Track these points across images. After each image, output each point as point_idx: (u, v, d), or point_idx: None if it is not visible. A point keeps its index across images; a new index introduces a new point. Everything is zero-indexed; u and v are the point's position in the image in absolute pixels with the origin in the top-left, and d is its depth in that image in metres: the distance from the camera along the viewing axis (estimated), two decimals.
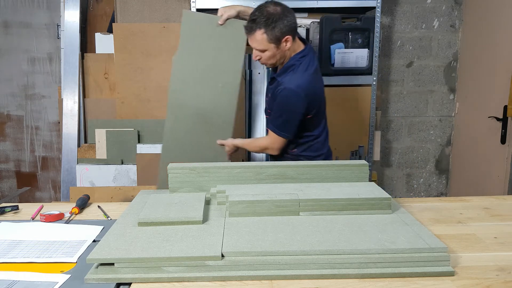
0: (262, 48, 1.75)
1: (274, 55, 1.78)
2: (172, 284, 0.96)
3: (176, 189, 1.42)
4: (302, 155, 1.91)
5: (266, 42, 1.73)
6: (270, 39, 1.72)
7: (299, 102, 1.75)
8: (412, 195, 3.40)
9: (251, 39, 1.77)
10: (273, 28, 1.70)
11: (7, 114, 3.38)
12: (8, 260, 1.07)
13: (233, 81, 2.08)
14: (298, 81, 1.75)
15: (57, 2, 3.16)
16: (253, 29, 1.73)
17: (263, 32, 1.71)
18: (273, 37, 1.72)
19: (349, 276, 0.97)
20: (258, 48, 1.76)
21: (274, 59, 1.80)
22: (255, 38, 1.74)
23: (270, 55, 1.78)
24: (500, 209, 1.43)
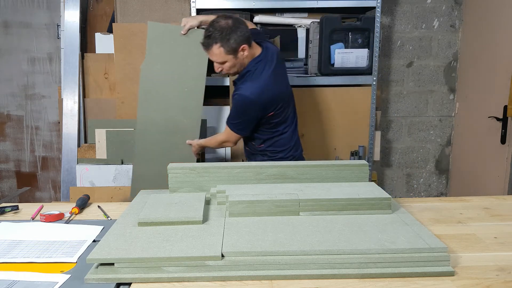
0: (221, 60, 1.86)
1: (234, 64, 1.88)
2: (172, 284, 0.96)
3: (176, 189, 1.42)
4: (268, 150, 2.04)
5: (224, 54, 1.84)
6: (228, 51, 1.83)
7: (252, 107, 1.87)
8: (412, 195, 3.40)
9: (209, 53, 1.88)
10: (228, 40, 1.81)
11: (7, 114, 3.38)
12: (8, 260, 1.07)
13: (198, 85, 2.28)
14: (252, 87, 1.86)
15: (57, 2, 3.16)
16: (210, 44, 1.84)
17: (219, 46, 1.82)
18: (230, 48, 1.82)
19: (349, 276, 0.97)
20: (218, 61, 1.87)
21: (235, 68, 1.90)
22: (213, 52, 1.85)
23: (230, 65, 1.89)
24: (500, 209, 1.43)
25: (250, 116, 1.91)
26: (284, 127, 2.01)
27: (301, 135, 2.71)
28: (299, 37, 2.76)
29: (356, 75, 2.66)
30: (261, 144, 2.04)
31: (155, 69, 2.29)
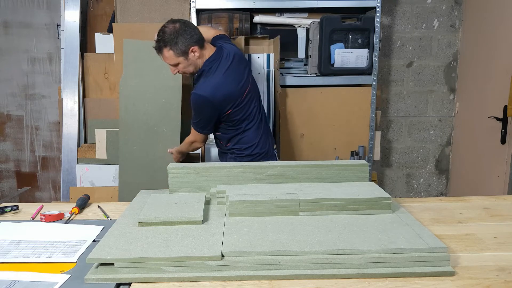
0: (174, 62, 1.93)
1: (187, 65, 1.95)
2: (172, 284, 0.96)
3: (176, 189, 1.42)
4: (235, 148, 2.09)
5: (175, 57, 1.91)
6: (178, 53, 1.90)
7: (206, 105, 1.92)
8: (412, 195, 3.40)
9: (162, 57, 1.95)
10: (176, 43, 1.89)
11: (7, 114, 3.38)
12: (8, 260, 1.07)
13: (175, 95, 2.47)
14: (205, 85, 1.94)
15: (57, 2, 3.16)
16: (161, 48, 1.91)
17: (168, 49, 1.90)
18: (180, 51, 1.89)
19: (349, 276, 0.97)
20: (171, 63, 1.95)
21: (190, 68, 1.97)
22: (165, 55, 1.93)
23: (183, 66, 1.95)
24: (500, 209, 1.43)
25: (207, 114, 1.96)
26: (247, 124, 2.05)
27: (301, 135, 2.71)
28: (299, 37, 2.76)
29: (356, 75, 2.66)
30: (228, 143, 2.10)
31: (133, 83, 2.49)
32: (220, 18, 2.65)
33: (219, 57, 1.99)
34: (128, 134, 2.53)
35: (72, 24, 2.77)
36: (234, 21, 2.66)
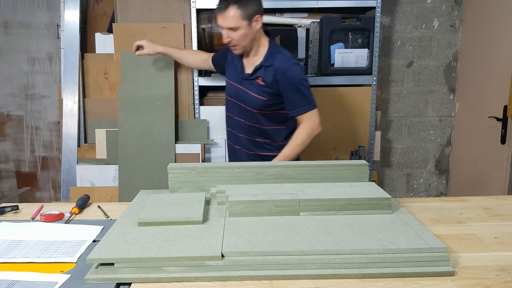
0: (235, 25, 1.74)
1: (246, 34, 1.77)
2: (172, 284, 0.96)
3: (176, 189, 1.42)
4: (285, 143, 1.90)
5: (240, 19, 1.73)
6: (244, 16, 1.72)
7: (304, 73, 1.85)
8: (412, 195, 3.40)
9: (223, 17, 1.74)
10: (245, 5, 1.73)
11: (7, 114, 3.38)
12: (8, 260, 1.07)
13: (169, 99, 2.62)
14: (289, 57, 1.85)
15: (57, 2, 3.16)
16: (226, 6, 1.72)
17: (236, 8, 1.72)
18: (246, 13, 1.72)
19: (349, 276, 0.97)
20: (231, 25, 1.74)
21: (246, 39, 1.79)
22: (228, 15, 1.72)
23: (242, 34, 1.76)
24: (500, 209, 1.43)
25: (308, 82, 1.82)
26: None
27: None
28: (299, 37, 2.76)
29: (356, 75, 2.66)
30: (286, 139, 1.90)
31: (131, 89, 2.64)
32: None
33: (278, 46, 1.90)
34: (127, 135, 2.62)
35: (72, 24, 2.77)
36: None
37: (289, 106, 1.84)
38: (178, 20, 2.73)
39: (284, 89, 1.81)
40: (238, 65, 1.95)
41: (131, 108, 2.63)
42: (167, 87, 2.64)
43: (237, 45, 1.82)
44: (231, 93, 2.00)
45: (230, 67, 2.02)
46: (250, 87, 1.90)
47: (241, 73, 1.94)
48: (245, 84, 1.92)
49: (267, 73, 1.84)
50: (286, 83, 1.80)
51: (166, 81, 2.64)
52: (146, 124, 2.63)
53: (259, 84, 1.87)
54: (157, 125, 2.63)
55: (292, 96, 1.81)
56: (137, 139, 2.63)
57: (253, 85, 1.89)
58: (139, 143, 2.63)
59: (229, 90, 2.02)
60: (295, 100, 1.81)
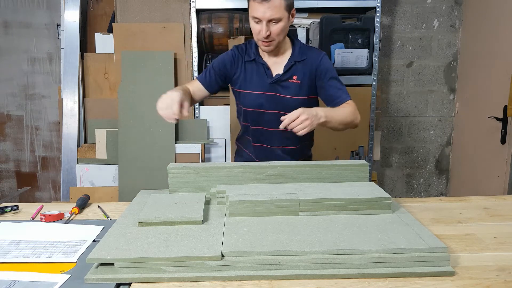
0: (279, 16, 1.55)
1: (284, 28, 1.61)
2: (172, 284, 0.96)
3: (176, 189, 1.42)
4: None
5: (283, 10, 1.56)
6: (287, 6, 1.57)
7: None
8: (412, 195, 3.40)
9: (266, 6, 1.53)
10: None
11: (7, 114, 3.38)
12: (8, 260, 1.07)
13: None
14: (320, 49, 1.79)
15: (57, 2, 3.16)
16: None
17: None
18: (289, 3, 1.58)
19: (349, 276, 0.97)
20: (275, 16, 1.55)
21: (282, 34, 1.63)
22: (273, 3, 1.53)
23: (282, 28, 1.59)
24: (500, 209, 1.43)
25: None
26: None
27: None
28: (299, 37, 2.76)
29: (356, 75, 2.66)
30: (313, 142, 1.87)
31: (130, 89, 2.63)
32: (220, 18, 2.65)
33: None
34: (127, 135, 2.63)
35: (72, 24, 2.77)
36: (234, 21, 2.66)
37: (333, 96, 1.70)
38: (178, 20, 2.73)
39: (324, 80, 1.71)
40: (260, 69, 1.73)
41: (131, 108, 2.63)
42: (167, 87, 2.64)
43: (273, 41, 1.62)
44: (257, 104, 1.75)
45: (247, 75, 1.74)
46: (285, 90, 1.72)
47: (269, 77, 1.72)
48: (277, 88, 1.72)
49: (301, 68, 1.71)
50: (326, 73, 1.70)
51: (166, 81, 2.64)
52: (146, 124, 2.63)
53: (294, 83, 1.72)
54: (157, 125, 2.63)
55: (335, 85, 1.71)
56: (137, 139, 2.63)
57: (288, 85, 1.72)
58: (139, 143, 2.63)
59: (253, 101, 1.75)
60: (339, 88, 1.71)
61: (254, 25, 1.61)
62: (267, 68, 1.72)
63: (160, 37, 2.68)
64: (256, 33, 1.61)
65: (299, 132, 1.43)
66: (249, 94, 1.75)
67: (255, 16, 1.57)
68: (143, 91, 2.63)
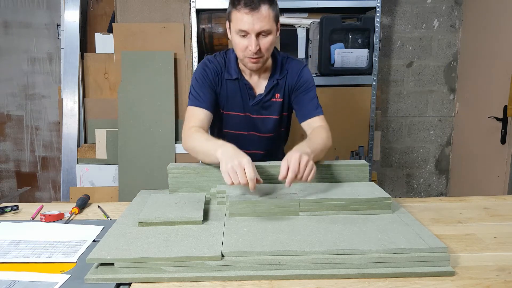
0: (269, 27, 1.40)
1: (274, 42, 1.46)
2: (172, 284, 0.95)
3: (176, 189, 1.42)
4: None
5: (272, 21, 1.41)
6: (275, 16, 1.42)
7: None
8: (412, 195, 3.40)
9: (255, 17, 1.37)
10: (275, 5, 1.44)
11: (7, 114, 3.38)
12: (8, 260, 1.07)
13: (169, 98, 2.63)
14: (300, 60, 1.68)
15: (57, 2, 3.16)
16: (259, 3, 1.37)
17: (268, 7, 1.39)
18: (276, 14, 1.43)
19: (349, 276, 0.97)
20: (265, 28, 1.39)
21: (271, 49, 1.47)
22: (261, 14, 1.37)
23: (271, 42, 1.44)
24: (500, 209, 1.43)
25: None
26: None
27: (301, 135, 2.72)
28: (299, 37, 2.76)
29: (356, 75, 2.66)
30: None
31: (130, 89, 2.63)
32: (220, 18, 2.65)
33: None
34: (127, 135, 2.63)
35: (72, 24, 2.77)
36: None
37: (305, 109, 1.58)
38: (178, 20, 2.73)
39: (301, 93, 1.58)
40: (243, 89, 1.57)
41: (131, 108, 2.63)
42: (167, 87, 2.64)
43: (262, 57, 1.45)
44: (237, 126, 1.63)
45: (229, 95, 1.58)
46: (267, 111, 1.61)
47: (252, 98, 1.58)
48: (259, 109, 1.60)
49: (282, 84, 1.58)
50: (302, 86, 1.58)
51: (166, 81, 2.63)
52: (146, 124, 2.63)
53: (276, 101, 1.59)
54: (157, 125, 2.62)
55: (311, 99, 1.58)
56: (137, 139, 2.62)
57: (270, 106, 1.60)
58: (139, 143, 2.62)
59: (233, 122, 1.62)
60: (313, 103, 1.58)
61: (239, 40, 1.42)
62: (250, 88, 1.57)
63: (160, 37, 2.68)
64: (242, 49, 1.43)
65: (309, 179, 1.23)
66: (231, 116, 1.61)
67: (241, 29, 1.39)
68: (143, 91, 2.63)
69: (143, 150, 2.63)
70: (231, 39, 1.47)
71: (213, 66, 1.55)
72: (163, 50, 2.64)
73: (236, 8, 1.39)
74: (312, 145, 1.37)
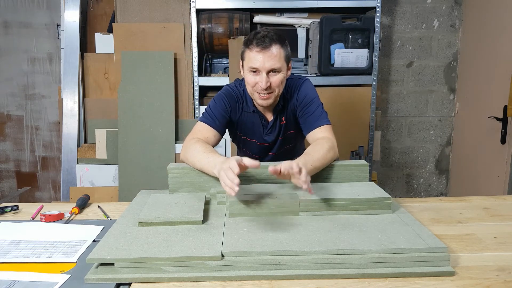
0: (279, 65, 1.46)
1: (283, 80, 1.51)
2: (172, 284, 0.96)
3: (176, 189, 1.42)
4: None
5: (283, 60, 1.48)
6: (286, 56, 1.49)
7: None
8: (412, 195, 3.40)
9: (266, 54, 1.44)
10: (286, 46, 1.50)
11: (7, 114, 3.38)
12: (8, 260, 1.07)
13: (168, 98, 2.63)
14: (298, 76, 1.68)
15: (57, 2, 3.16)
16: (270, 44, 1.44)
17: (279, 47, 1.46)
18: (287, 54, 1.49)
19: (349, 276, 0.97)
20: (276, 66, 1.45)
21: (281, 87, 1.52)
22: (272, 53, 1.44)
23: (281, 79, 1.50)
24: (500, 209, 1.43)
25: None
26: None
27: None
28: (299, 37, 2.76)
29: (356, 75, 2.66)
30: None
31: (130, 89, 2.63)
32: (220, 18, 2.66)
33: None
34: (127, 135, 2.62)
35: (72, 24, 2.77)
36: (234, 21, 2.66)
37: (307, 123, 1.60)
38: (178, 20, 2.73)
39: (303, 109, 1.61)
40: (257, 120, 1.65)
41: (131, 108, 2.63)
42: (167, 87, 2.64)
43: (273, 92, 1.51)
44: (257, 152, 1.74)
45: (248, 124, 1.67)
46: (277, 135, 1.69)
47: (265, 127, 1.67)
48: (270, 136, 1.69)
49: (285, 108, 1.65)
50: (303, 101, 1.61)
51: (166, 81, 2.64)
52: (146, 124, 2.62)
53: (282, 124, 1.67)
54: (157, 125, 2.62)
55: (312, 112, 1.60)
56: (137, 139, 2.62)
57: (279, 129, 1.68)
58: (139, 143, 2.62)
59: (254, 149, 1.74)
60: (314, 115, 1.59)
61: (250, 77, 1.49)
62: (264, 119, 1.66)
63: (160, 37, 2.68)
64: (252, 84, 1.50)
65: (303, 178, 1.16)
66: (250, 143, 1.72)
67: (253, 67, 1.46)
68: (143, 91, 2.63)
69: (143, 150, 2.63)
70: (244, 76, 1.56)
71: (235, 95, 1.63)
72: (163, 50, 2.64)
73: (249, 47, 1.47)
74: (308, 160, 1.34)
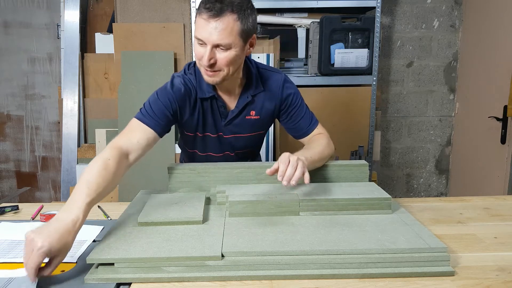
0: (230, 41, 1.21)
1: (237, 59, 1.26)
2: (172, 284, 0.95)
3: (176, 189, 1.42)
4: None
5: (236, 34, 1.21)
6: (242, 32, 1.22)
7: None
8: (412, 195, 3.40)
9: (212, 26, 1.19)
10: (247, 17, 1.23)
11: (7, 114, 3.39)
12: (8, 260, 1.07)
13: None
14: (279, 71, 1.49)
15: (57, 2, 3.16)
16: (221, 11, 1.18)
17: (236, 18, 1.20)
18: (245, 29, 1.23)
19: (349, 276, 0.97)
20: (225, 41, 1.20)
21: (233, 66, 1.27)
22: (221, 24, 1.18)
23: (231, 58, 1.24)
24: (500, 209, 1.43)
25: None
26: None
27: None
28: (299, 37, 2.76)
29: (356, 75, 2.66)
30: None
31: (130, 89, 2.64)
32: None
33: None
34: None
35: (72, 24, 2.77)
36: None
37: (299, 128, 1.51)
38: (178, 20, 2.73)
39: (291, 111, 1.48)
40: (214, 107, 1.42)
41: (131, 108, 2.63)
42: None
43: (220, 71, 1.27)
44: (208, 148, 1.52)
45: (200, 117, 1.43)
46: (240, 129, 1.47)
47: (224, 116, 1.43)
48: (232, 128, 1.47)
49: (259, 102, 1.45)
50: (291, 104, 1.47)
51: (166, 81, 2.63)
52: None
53: (252, 119, 1.46)
54: None
55: (303, 115, 1.49)
56: None
57: (244, 123, 1.46)
58: None
59: (204, 145, 1.51)
60: (305, 118, 1.50)
61: (197, 48, 1.26)
62: (223, 106, 1.42)
63: (160, 37, 2.69)
64: (199, 57, 1.26)
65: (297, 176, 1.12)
66: (199, 138, 1.49)
67: (197, 37, 1.23)
68: (143, 91, 2.63)
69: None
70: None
71: (183, 87, 1.40)
72: (163, 50, 2.64)
73: (198, 12, 1.22)
74: (307, 153, 1.31)
